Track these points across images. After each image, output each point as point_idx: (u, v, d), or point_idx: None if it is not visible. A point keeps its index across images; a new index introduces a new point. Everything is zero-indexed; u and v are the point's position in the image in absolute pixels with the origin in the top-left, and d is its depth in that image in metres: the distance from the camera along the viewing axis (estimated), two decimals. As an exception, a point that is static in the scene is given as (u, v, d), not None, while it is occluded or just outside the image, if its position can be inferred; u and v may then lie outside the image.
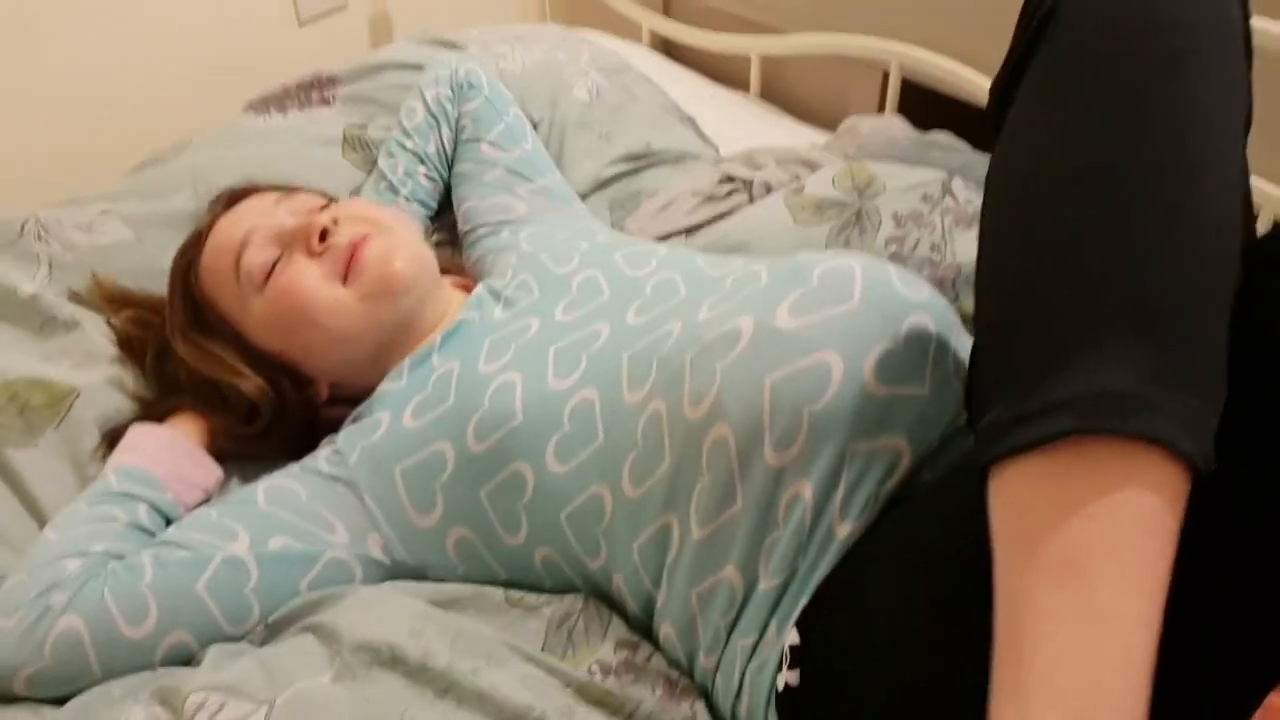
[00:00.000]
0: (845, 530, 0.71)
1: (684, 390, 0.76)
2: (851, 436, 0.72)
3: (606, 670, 0.80)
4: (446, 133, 1.21)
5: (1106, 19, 0.56)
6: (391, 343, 0.96)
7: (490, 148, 1.18)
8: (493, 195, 1.16)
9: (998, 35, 0.64)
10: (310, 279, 0.94)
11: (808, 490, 0.72)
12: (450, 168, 1.22)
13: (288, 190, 1.04)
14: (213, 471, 0.96)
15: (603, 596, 0.86)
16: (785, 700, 0.71)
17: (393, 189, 1.19)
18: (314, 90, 1.35)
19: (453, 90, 1.23)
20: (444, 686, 0.77)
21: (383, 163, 1.22)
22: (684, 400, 0.76)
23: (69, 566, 0.83)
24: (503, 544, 0.87)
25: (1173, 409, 0.49)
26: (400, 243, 0.97)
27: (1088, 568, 0.49)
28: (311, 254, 0.95)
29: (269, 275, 0.95)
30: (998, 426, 0.53)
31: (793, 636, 0.71)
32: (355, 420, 0.95)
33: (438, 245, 1.23)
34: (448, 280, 1.07)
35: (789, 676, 0.70)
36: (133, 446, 0.93)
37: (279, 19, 1.69)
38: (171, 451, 0.94)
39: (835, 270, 0.79)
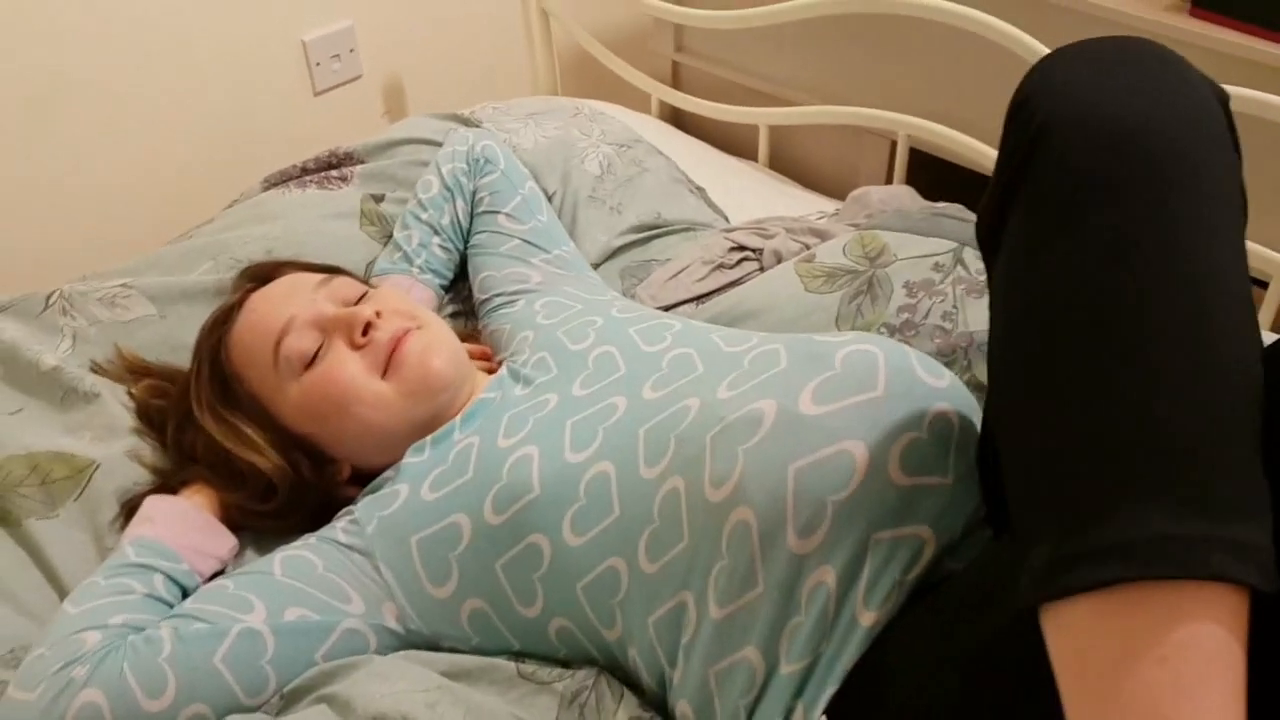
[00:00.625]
0: (869, 619, 0.71)
1: (705, 471, 0.76)
2: (875, 525, 0.73)
3: (619, 745, 0.80)
4: (461, 205, 1.23)
5: (1100, 139, 0.56)
6: (420, 431, 0.97)
7: (507, 219, 1.21)
8: (509, 265, 1.18)
9: (1000, 108, 0.64)
10: (351, 371, 0.95)
11: (831, 577, 0.72)
12: (466, 240, 1.24)
13: (325, 274, 1.05)
14: (227, 541, 0.96)
15: (618, 669, 0.86)
16: None
17: (407, 259, 1.21)
18: (332, 169, 1.37)
19: (468, 164, 1.25)
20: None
21: (398, 234, 1.24)
22: (705, 481, 0.76)
23: (88, 640, 0.83)
24: (518, 615, 0.87)
25: (1224, 542, 0.50)
26: (438, 340, 0.99)
27: (1168, 714, 0.49)
28: (354, 346, 0.96)
29: (309, 364, 0.97)
30: (1048, 565, 0.53)
31: None
32: (373, 491, 0.96)
33: (452, 316, 1.25)
34: (469, 350, 1.08)
35: None
36: (148, 518, 0.94)
37: (295, 89, 1.73)
38: (186, 523, 0.94)
39: (857, 354, 0.80)
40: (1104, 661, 0.51)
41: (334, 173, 1.36)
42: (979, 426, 0.79)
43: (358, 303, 1.01)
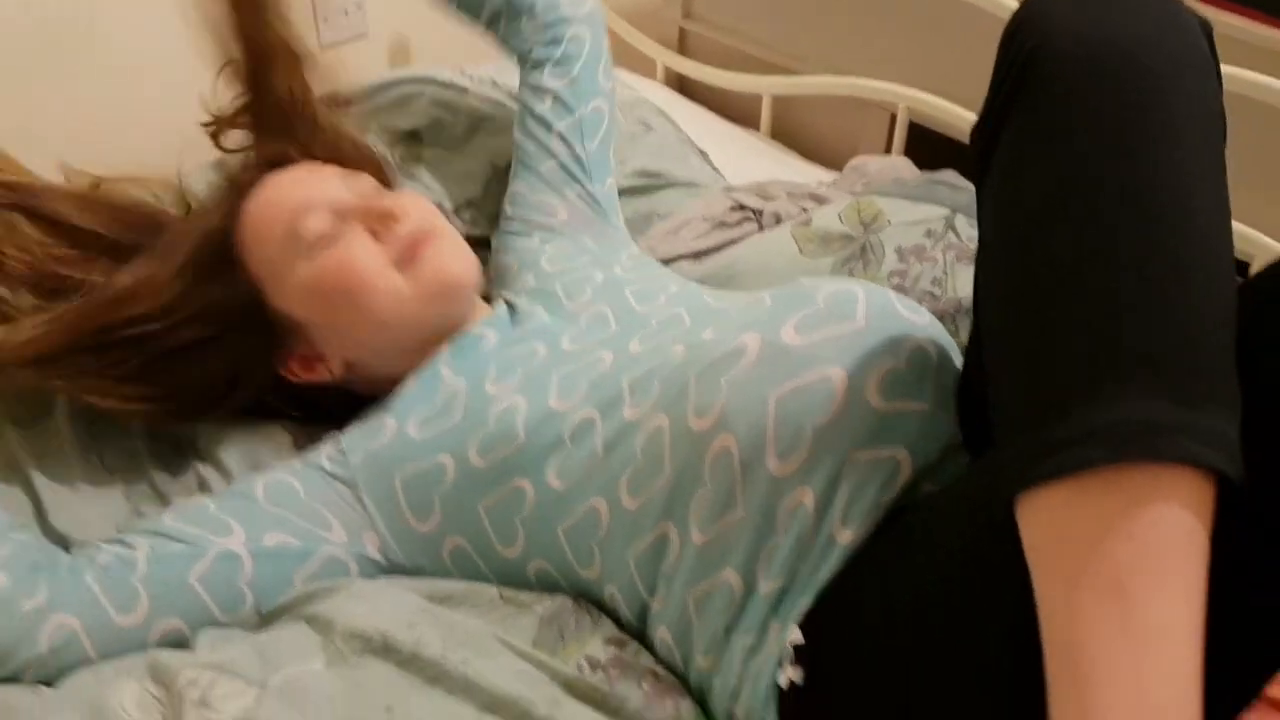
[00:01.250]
0: (847, 537, 0.73)
1: (688, 404, 0.78)
2: (853, 447, 0.74)
3: (595, 665, 0.81)
4: (540, 23, 1.17)
5: (1087, 63, 0.59)
6: (422, 341, 0.97)
7: (557, 139, 1.14)
8: (541, 191, 1.13)
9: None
10: (370, 258, 0.94)
11: (809, 498, 0.74)
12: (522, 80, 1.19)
13: (348, 171, 1.02)
14: None
15: (594, 603, 0.87)
16: (788, 698, 0.72)
17: None
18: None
19: (546, 25, 1.17)
20: (434, 675, 0.78)
21: None
22: (688, 413, 0.77)
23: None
24: (498, 555, 0.88)
25: (1195, 429, 0.52)
26: (459, 247, 0.99)
27: (1132, 586, 0.51)
28: (375, 236, 0.95)
29: (321, 245, 0.94)
30: (1024, 455, 0.55)
31: (795, 635, 0.72)
32: (361, 420, 0.96)
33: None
34: None
35: (792, 674, 0.72)
36: None
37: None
38: None
39: (839, 293, 0.81)
40: (1076, 542, 0.53)
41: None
42: (957, 362, 0.81)
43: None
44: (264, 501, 0.89)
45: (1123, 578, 0.52)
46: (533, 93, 1.16)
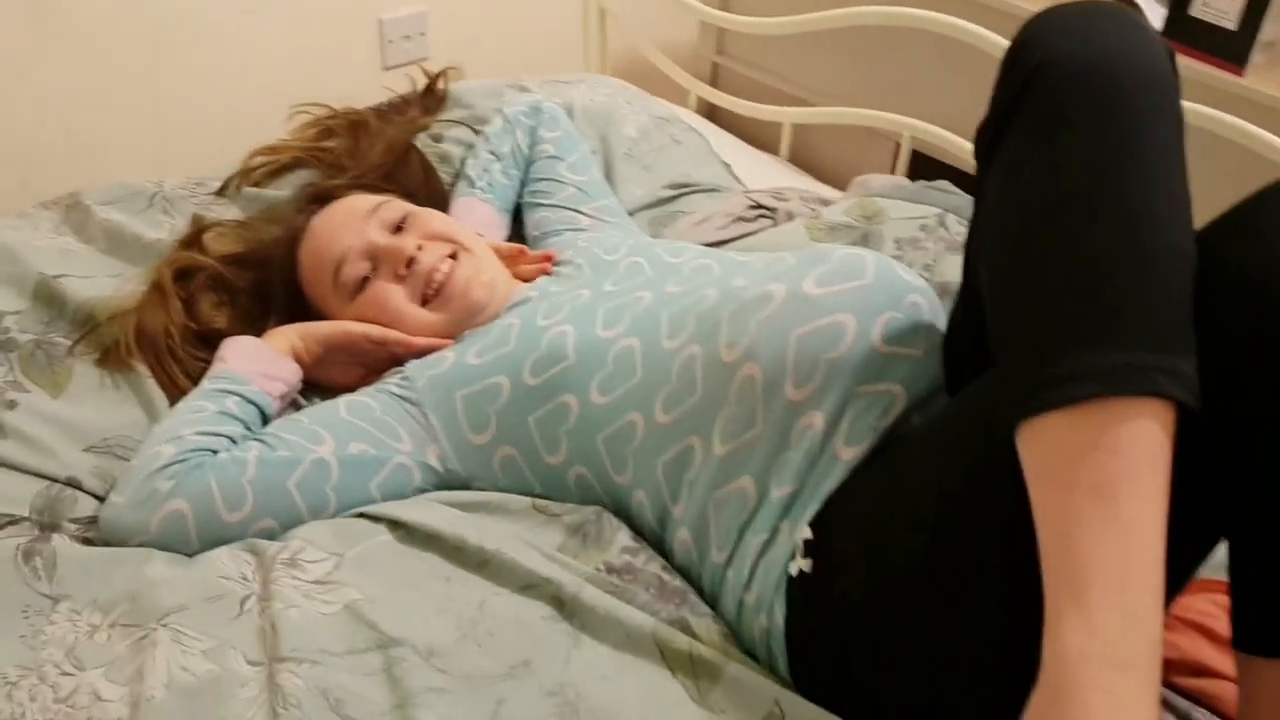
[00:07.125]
0: (848, 454, 0.88)
1: (720, 338, 0.92)
2: (858, 380, 0.89)
3: (611, 569, 0.94)
4: (521, 137, 1.41)
5: (1081, 76, 0.72)
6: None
7: (568, 170, 1.39)
8: (564, 209, 1.35)
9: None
10: (395, 300, 1.14)
11: (819, 420, 0.88)
12: (525, 176, 1.41)
13: (375, 201, 1.20)
14: (289, 367, 1.12)
15: (621, 512, 1.00)
16: (796, 585, 0.85)
17: (470, 183, 1.38)
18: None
19: (529, 109, 1.43)
20: (479, 561, 0.92)
21: (467, 164, 1.41)
22: (720, 345, 0.92)
23: (164, 452, 0.98)
24: (543, 462, 1.02)
25: (1162, 369, 0.65)
26: (477, 268, 1.16)
27: (1117, 489, 0.64)
28: (398, 278, 1.14)
29: (360, 289, 1.15)
30: (1027, 389, 0.68)
31: (806, 532, 0.86)
32: (420, 356, 1.12)
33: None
34: (508, 251, 1.25)
35: (802, 564, 0.85)
36: (221, 357, 1.10)
37: (365, 64, 1.91)
38: (253, 354, 1.11)
39: (851, 255, 0.97)
40: (1069, 457, 0.66)
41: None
42: (943, 320, 0.96)
43: (400, 224, 1.17)
44: (346, 415, 1.05)
45: (1109, 482, 0.64)
46: (537, 147, 1.42)
